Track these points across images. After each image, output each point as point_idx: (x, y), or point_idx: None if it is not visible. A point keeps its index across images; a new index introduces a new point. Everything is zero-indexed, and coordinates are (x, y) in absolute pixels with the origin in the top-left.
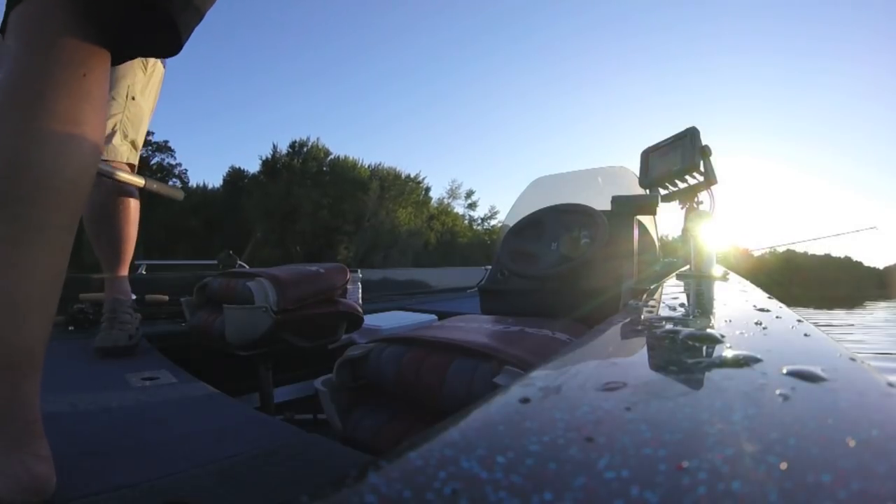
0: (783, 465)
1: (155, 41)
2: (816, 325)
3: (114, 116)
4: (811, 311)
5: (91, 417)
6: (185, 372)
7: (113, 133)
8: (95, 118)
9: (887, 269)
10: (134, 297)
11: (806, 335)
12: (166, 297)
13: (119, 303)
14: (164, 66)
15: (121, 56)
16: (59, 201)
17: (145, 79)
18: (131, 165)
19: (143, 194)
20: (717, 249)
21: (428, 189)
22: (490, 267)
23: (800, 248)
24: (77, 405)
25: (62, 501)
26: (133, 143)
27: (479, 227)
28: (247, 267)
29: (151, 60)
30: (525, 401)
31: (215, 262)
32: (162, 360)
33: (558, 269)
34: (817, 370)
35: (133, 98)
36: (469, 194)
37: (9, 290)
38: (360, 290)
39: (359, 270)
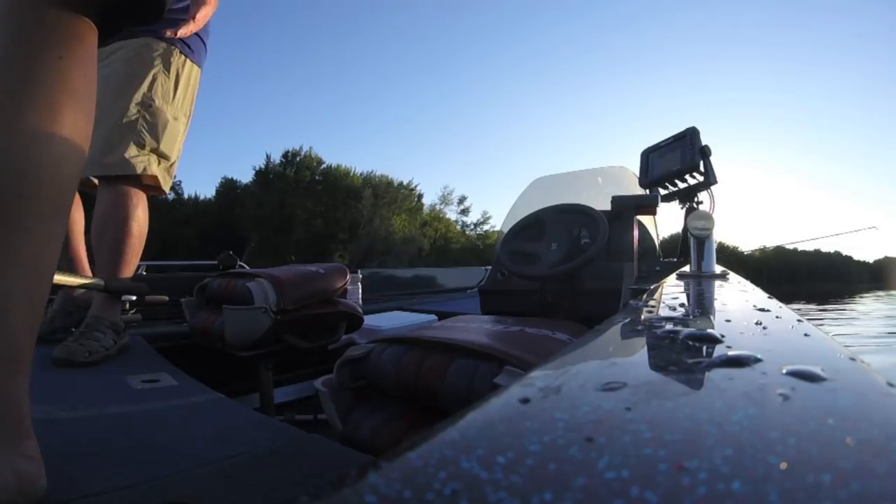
0: (783, 465)
1: (137, 7)
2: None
3: (123, 125)
4: (801, 305)
5: (91, 419)
6: (184, 374)
7: (121, 143)
8: (75, 105)
9: (877, 262)
10: (133, 297)
11: (806, 335)
12: (166, 298)
13: (98, 321)
14: (200, 68)
15: (107, 31)
16: (35, 191)
17: (169, 83)
18: (155, 186)
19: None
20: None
21: (420, 196)
22: (490, 267)
23: (790, 246)
24: (77, 406)
25: (62, 502)
26: (159, 156)
27: (471, 233)
28: (247, 267)
29: (175, 65)
30: (525, 401)
31: (215, 262)
32: (162, 361)
33: (558, 269)
34: (817, 370)
35: (150, 106)
36: (461, 200)
37: None
38: (360, 291)
39: (359, 271)
